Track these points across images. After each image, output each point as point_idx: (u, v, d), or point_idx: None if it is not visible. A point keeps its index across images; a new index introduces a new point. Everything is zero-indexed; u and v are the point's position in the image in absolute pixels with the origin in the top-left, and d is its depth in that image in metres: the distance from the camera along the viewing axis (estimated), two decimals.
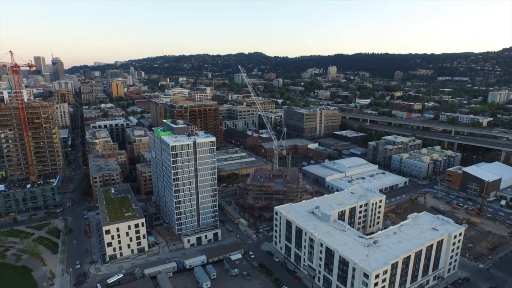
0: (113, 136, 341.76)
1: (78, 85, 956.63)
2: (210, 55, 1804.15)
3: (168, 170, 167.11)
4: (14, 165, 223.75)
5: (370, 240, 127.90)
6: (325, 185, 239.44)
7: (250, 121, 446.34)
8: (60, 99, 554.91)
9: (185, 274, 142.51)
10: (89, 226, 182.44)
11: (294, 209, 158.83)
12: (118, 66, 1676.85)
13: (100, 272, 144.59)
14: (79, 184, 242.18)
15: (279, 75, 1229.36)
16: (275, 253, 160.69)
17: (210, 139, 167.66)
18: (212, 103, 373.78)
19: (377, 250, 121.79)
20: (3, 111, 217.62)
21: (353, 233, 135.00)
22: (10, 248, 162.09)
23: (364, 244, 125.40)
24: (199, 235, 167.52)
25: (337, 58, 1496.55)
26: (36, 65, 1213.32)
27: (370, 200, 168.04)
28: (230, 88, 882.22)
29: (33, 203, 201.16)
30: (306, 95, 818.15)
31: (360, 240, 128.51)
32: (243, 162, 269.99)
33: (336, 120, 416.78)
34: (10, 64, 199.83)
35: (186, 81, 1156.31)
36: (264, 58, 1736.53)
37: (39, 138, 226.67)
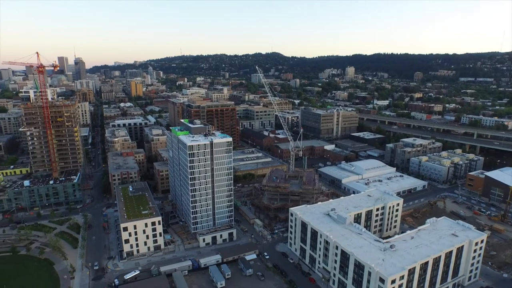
0: (131, 134, 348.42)
1: (99, 85, 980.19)
2: (227, 55, 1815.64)
3: (184, 170, 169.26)
4: (38, 162, 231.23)
5: (387, 244, 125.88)
6: (341, 187, 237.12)
7: (267, 122, 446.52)
8: (82, 98, 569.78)
9: (200, 273, 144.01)
10: (107, 222, 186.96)
11: (309, 211, 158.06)
12: (137, 66, 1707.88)
13: (117, 268, 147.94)
14: (99, 182, 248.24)
15: (296, 75, 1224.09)
16: (289, 254, 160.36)
17: (226, 140, 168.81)
18: (229, 103, 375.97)
19: (393, 254, 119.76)
20: (29, 110, 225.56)
21: (369, 237, 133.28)
22: (35, 241, 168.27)
23: (380, 248, 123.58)
24: (214, 235, 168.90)
25: (355, 58, 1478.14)
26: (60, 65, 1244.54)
27: (387, 204, 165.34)
28: (247, 88, 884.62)
29: (55, 199, 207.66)
30: (323, 95, 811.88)
31: (376, 244, 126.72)
32: (259, 163, 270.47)
33: (354, 122, 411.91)
34: (36, 65, 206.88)
35: (204, 81, 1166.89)
36: (281, 58, 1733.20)
37: (62, 136, 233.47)
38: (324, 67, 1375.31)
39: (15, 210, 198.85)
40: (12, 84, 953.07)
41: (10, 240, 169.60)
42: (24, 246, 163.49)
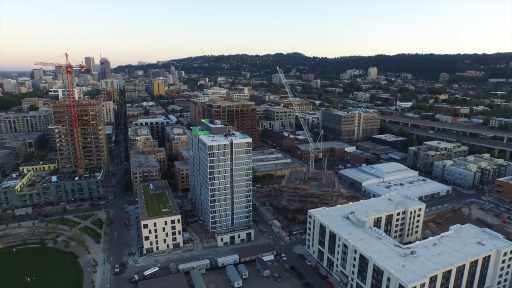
0: (153, 133, 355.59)
1: (123, 84, 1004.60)
2: (248, 55, 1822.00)
3: (204, 169, 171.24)
4: (65, 158, 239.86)
5: (407, 250, 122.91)
6: (361, 190, 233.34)
7: (287, 122, 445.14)
8: (106, 97, 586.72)
9: (217, 272, 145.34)
10: (128, 219, 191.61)
11: (328, 213, 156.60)
12: (160, 65, 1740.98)
13: (137, 264, 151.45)
14: (121, 179, 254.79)
15: (317, 76, 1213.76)
16: (307, 256, 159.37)
17: (246, 140, 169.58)
18: (250, 103, 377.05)
19: (414, 261, 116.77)
20: (58, 108, 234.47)
21: (389, 242, 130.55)
22: (61, 235, 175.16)
23: (401, 253, 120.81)
24: (233, 234, 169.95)
25: (378, 59, 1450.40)
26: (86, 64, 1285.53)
27: (409, 208, 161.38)
28: (268, 89, 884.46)
29: (80, 195, 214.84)
30: (345, 96, 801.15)
31: (396, 249, 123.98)
32: (278, 163, 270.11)
33: (375, 123, 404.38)
34: (65, 65, 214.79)
35: (225, 80, 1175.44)
36: (302, 58, 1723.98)
37: (87, 134, 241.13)
38: (346, 67, 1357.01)
39: (43, 204, 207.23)
40: (43, 83, 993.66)
41: (39, 233, 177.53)
42: (51, 238, 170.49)
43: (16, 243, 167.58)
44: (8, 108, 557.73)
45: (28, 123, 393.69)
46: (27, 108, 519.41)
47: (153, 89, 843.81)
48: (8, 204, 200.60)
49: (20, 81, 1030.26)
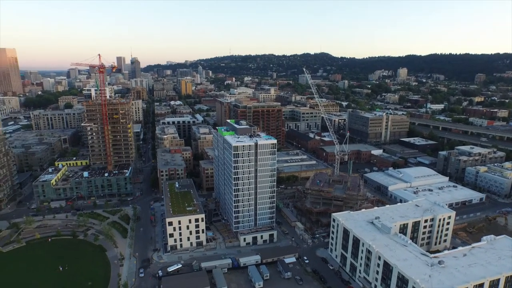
0: (180, 132, 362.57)
1: (152, 83, 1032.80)
2: (275, 55, 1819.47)
3: (229, 169, 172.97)
4: (96, 155, 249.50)
5: (435, 259, 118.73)
6: (387, 195, 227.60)
7: (313, 123, 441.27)
8: (136, 96, 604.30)
9: (239, 272, 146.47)
10: (154, 216, 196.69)
11: (352, 218, 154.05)
12: (188, 65, 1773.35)
13: (161, 260, 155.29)
14: (148, 176, 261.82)
15: (344, 76, 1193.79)
16: (329, 260, 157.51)
17: (271, 141, 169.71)
18: (275, 104, 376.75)
19: (442, 271, 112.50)
20: (90, 107, 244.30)
21: (415, 249, 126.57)
22: (90, 228, 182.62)
23: (427, 262, 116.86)
24: (255, 235, 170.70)
25: (409, 59, 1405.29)
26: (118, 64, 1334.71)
27: (437, 215, 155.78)
28: (294, 89, 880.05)
29: (109, 190, 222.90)
30: (373, 98, 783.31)
31: (422, 258, 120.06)
32: (303, 165, 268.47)
33: (404, 126, 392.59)
34: (98, 66, 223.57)
35: (251, 80, 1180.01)
36: (330, 58, 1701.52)
37: (117, 132, 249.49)
38: (374, 68, 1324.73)
39: (75, 198, 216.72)
40: (78, 82, 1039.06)
41: (71, 225, 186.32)
42: (82, 231, 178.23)
43: (51, 233, 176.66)
44: (47, 106, 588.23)
45: (63, 120, 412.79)
46: (63, 106, 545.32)
47: (180, 89, 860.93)
48: (45, 197, 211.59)
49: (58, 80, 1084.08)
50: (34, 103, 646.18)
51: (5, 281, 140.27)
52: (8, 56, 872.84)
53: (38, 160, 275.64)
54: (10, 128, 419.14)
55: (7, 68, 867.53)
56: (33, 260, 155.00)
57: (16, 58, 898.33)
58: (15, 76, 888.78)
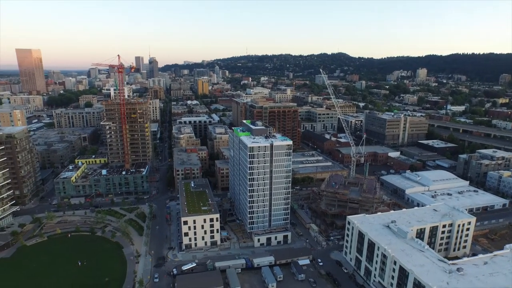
0: (196, 132, 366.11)
1: (169, 82, 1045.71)
2: (292, 55, 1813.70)
3: (244, 170, 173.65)
4: (114, 153, 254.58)
5: (453, 266, 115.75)
6: (404, 198, 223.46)
7: (329, 124, 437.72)
8: (153, 95, 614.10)
9: (252, 272, 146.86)
10: (170, 214, 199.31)
11: (368, 221, 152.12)
12: (204, 65, 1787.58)
13: (176, 258, 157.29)
14: (164, 175, 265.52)
15: (362, 77, 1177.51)
16: (344, 263, 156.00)
17: (287, 143, 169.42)
18: (292, 104, 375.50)
19: (460, 279, 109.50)
20: (109, 106, 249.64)
21: (432, 255, 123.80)
22: (108, 225, 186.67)
23: (445, 269, 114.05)
24: (269, 236, 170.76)
25: (428, 59, 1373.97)
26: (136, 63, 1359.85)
27: (456, 221, 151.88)
28: (311, 89, 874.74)
29: (126, 188, 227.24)
30: (391, 99, 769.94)
31: (440, 264, 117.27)
32: (319, 166, 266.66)
33: (422, 128, 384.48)
34: (117, 66, 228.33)
35: (268, 80, 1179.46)
36: (347, 59, 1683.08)
37: (134, 131, 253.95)
38: (392, 68, 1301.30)
39: (94, 195, 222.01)
40: (98, 82, 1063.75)
41: (90, 222, 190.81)
42: (100, 228, 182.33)
43: (71, 229, 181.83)
44: (68, 104, 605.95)
45: (83, 118, 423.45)
46: (83, 104, 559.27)
47: (197, 88, 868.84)
48: (65, 193, 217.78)
49: (79, 80, 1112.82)
50: (57, 102, 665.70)
51: (29, 273, 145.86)
52: (33, 56, 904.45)
53: (59, 158, 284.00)
54: (34, 126, 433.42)
55: (33, 68, 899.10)
56: (54, 254, 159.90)
57: (41, 58, 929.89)
58: (39, 75, 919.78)
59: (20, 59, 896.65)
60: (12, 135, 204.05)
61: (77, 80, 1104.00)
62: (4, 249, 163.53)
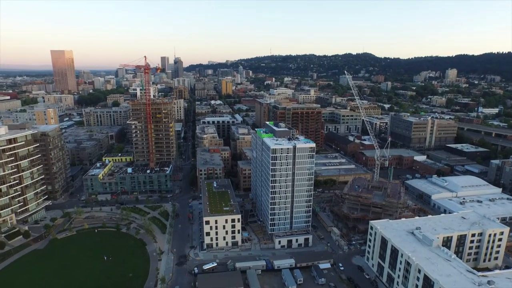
0: (219, 132, 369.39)
1: (193, 82, 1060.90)
2: (316, 55, 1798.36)
3: (266, 171, 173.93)
4: (139, 152, 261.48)
5: (483, 278, 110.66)
6: (430, 204, 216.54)
7: (353, 126, 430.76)
8: (178, 95, 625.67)
9: (272, 274, 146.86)
10: (192, 213, 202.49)
11: (391, 226, 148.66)
12: (228, 65, 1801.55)
13: (198, 257, 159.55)
14: (187, 174, 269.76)
15: (388, 77, 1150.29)
16: (366, 269, 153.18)
17: (310, 145, 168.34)
18: (315, 106, 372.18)
19: None
20: (136, 106, 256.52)
21: (459, 265, 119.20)
22: (133, 222, 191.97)
23: (474, 281, 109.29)
24: (290, 238, 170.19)
25: (459, 59, 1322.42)
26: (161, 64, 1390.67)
27: (487, 230, 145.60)
28: (335, 90, 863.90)
29: (150, 187, 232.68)
30: (417, 100, 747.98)
31: (468, 276, 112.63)
32: (341, 169, 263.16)
33: (451, 131, 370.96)
34: (143, 67, 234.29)
35: (291, 81, 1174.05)
36: (372, 59, 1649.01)
37: (159, 131, 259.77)
38: (420, 69, 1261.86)
39: (119, 192, 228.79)
40: (125, 81, 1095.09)
41: (115, 218, 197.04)
42: (125, 225, 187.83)
43: (97, 225, 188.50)
44: (97, 103, 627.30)
45: (111, 117, 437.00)
46: (111, 103, 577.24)
47: (221, 88, 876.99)
48: (93, 190, 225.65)
49: (107, 79, 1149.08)
50: (86, 101, 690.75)
51: (60, 265, 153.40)
52: (66, 57, 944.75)
53: (88, 155, 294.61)
54: (65, 124, 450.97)
55: (65, 68, 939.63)
56: (82, 248, 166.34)
57: (73, 59, 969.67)
58: (71, 75, 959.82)
59: (54, 60, 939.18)
60: (46, 133, 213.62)
61: (106, 79, 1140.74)
62: (38, 240, 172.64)
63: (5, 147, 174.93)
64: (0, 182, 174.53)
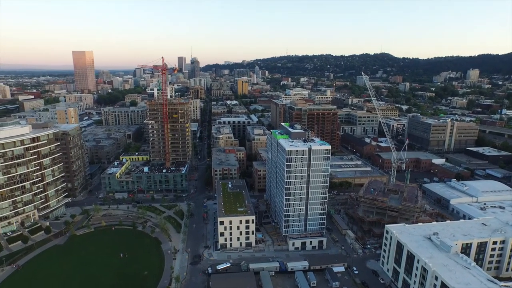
0: (235, 132, 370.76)
1: (210, 82, 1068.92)
2: (333, 55, 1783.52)
3: (281, 173, 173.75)
4: (155, 152, 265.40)
5: None
6: (448, 209, 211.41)
7: (370, 128, 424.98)
8: (194, 95, 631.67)
9: (286, 276, 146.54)
10: (207, 213, 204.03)
11: (407, 231, 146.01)
12: (244, 65, 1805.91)
13: (211, 257, 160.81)
14: (202, 174, 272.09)
15: (406, 78, 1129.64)
16: (381, 273, 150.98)
17: (325, 147, 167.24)
18: (331, 107, 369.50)
19: None
20: (152, 106, 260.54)
21: (479, 274, 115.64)
22: (148, 221, 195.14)
23: None
24: (304, 240, 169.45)
25: (482, 59, 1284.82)
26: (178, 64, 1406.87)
27: (510, 238, 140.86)
28: (351, 91, 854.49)
29: (166, 186, 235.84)
30: (437, 102, 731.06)
31: (489, 285, 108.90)
32: (357, 171, 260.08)
33: (472, 134, 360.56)
34: (161, 68, 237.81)
35: (307, 81, 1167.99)
36: (390, 59, 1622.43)
37: (175, 131, 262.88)
38: (440, 69, 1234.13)
39: (136, 191, 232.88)
40: (142, 81, 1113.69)
41: (131, 217, 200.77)
42: (141, 223, 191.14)
43: (114, 222, 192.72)
44: (115, 103, 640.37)
45: (128, 116, 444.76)
46: (129, 103, 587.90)
47: (237, 88, 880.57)
48: (110, 188, 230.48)
49: (125, 79, 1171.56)
50: (105, 100, 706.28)
51: (79, 260, 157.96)
52: (86, 57, 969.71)
53: (106, 154, 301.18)
54: (85, 123, 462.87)
55: (85, 68, 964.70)
56: (100, 245, 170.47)
57: (93, 59, 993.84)
58: (91, 75, 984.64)
59: (75, 60, 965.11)
60: (67, 132, 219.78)
61: (124, 79, 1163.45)
62: (58, 236, 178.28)
63: (29, 146, 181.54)
64: (24, 179, 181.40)
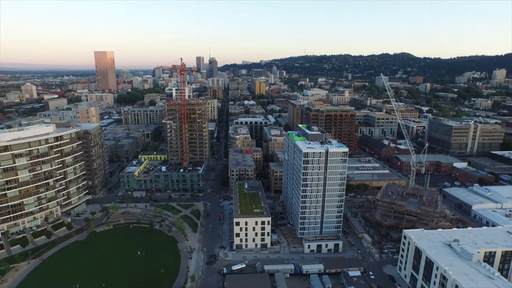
0: (252, 132, 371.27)
1: (227, 82, 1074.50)
2: (351, 55, 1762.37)
3: (298, 175, 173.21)
4: (173, 151, 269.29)
5: None
6: (470, 215, 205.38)
7: (388, 130, 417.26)
8: (212, 95, 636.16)
9: (300, 279, 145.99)
10: (223, 214, 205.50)
11: (426, 237, 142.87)
12: (262, 65, 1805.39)
13: (227, 258, 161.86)
14: (219, 174, 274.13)
15: (427, 78, 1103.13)
16: (398, 279, 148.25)
17: (342, 150, 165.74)
18: (349, 108, 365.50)
19: None
20: (171, 106, 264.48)
21: (504, 284, 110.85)
22: (165, 219, 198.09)
23: None
24: (320, 243, 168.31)
25: (509, 58, 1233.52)
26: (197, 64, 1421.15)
27: None
28: (370, 91, 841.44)
29: (183, 185, 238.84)
30: (459, 103, 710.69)
31: None
32: (375, 174, 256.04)
33: (497, 137, 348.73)
34: (179, 68, 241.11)
35: (325, 81, 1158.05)
36: (411, 59, 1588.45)
37: (193, 131, 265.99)
38: (463, 69, 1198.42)
39: (154, 190, 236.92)
40: (161, 81, 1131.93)
41: (149, 215, 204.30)
42: (158, 222, 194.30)
43: (132, 221, 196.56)
44: (135, 102, 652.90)
45: (147, 116, 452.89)
46: (148, 102, 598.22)
47: (254, 88, 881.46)
48: (129, 187, 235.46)
49: (145, 79, 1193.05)
50: (125, 100, 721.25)
51: (99, 256, 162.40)
52: (107, 57, 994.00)
53: (125, 153, 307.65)
54: (105, 122, 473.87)
55: (106, 68, 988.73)
56: (118, 242, 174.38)
57: (114, 59, 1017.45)
58: (111, 75, 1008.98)
59: (97, 60, 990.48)
60: (88, 131, 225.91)
61: (143, 79, 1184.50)
62: (79, 232, 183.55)
63: (52, 144, 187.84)
64: (48, 176, 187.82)
